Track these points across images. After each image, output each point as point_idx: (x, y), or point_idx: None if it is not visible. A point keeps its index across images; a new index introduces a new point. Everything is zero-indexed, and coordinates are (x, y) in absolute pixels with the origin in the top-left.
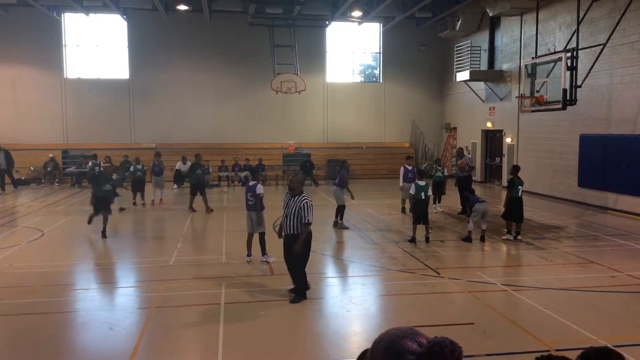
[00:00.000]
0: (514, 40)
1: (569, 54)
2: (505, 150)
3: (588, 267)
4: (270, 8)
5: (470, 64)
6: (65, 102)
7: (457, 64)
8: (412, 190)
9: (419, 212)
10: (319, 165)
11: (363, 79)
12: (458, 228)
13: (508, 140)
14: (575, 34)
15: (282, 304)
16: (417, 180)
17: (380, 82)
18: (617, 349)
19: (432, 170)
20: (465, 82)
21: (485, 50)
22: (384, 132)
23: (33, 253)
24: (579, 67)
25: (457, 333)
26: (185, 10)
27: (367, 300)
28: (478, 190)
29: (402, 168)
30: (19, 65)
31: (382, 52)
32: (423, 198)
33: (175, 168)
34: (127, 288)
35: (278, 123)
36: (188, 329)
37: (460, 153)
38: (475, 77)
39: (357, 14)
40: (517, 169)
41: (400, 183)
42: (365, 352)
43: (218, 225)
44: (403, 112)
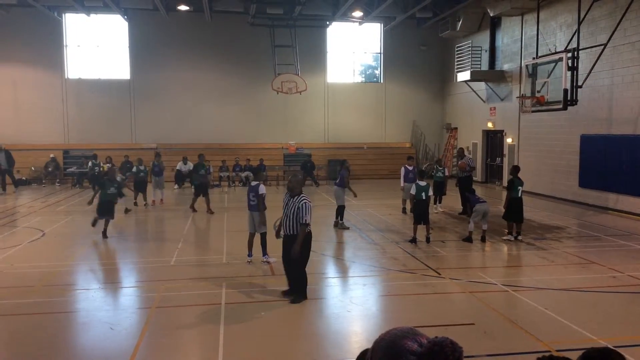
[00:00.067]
0: (515, 41)
1: (570, 54)
2: (506, 151)
3: (589, 267)
4: (271, 8)
5: (471, 64)
6: (66, 102)
7: (457, 64)
8: (412, 191)
9: (420, 212)
10: (320, 166)
11: (364, 79)
12: (459, 228)
13: (509, 141)
14: (576, 34)
15: (282, 304)
16: (417, 181)
17: (381, 82)
18: (617, 350)
19: (432, 171)
20: (466, 82)
21: (486, 51)
22: (385, 132)
23: (34, 253)
24: (580, 67)
25: (457, 333)
26: (186, 11)
27: (367, 301)
28: (479, 191)
29: (402, 168)
30: (20, 66)
31: (382, 52)
32: (424, 198)
33: (176, 168)
34: (127, 288)
35: (279, 123)
36: (189, 329)
37: (461, 153)
38: (476, 77)
39: (357, 14)
40: (517, 170)
41: (401, 183)
42: (365, 352)
43: (219, 226)
44: (404, 112)
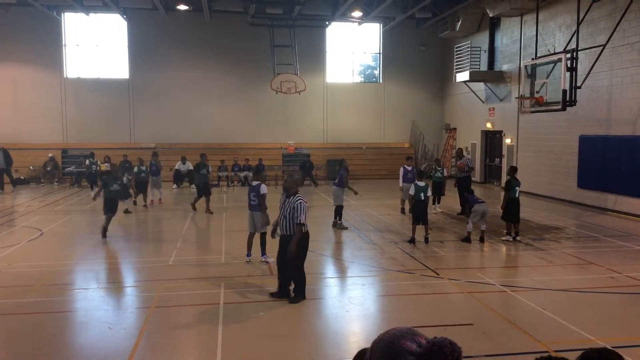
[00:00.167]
0: (514, 41)
1: (569, 55)
2: (505, 151)
3: (587, 268)
4: (271, 8)
5: (470, 65)
6: (65, 101)
7: (457, 65)
8: (411, 191)
9: (419, 212)
10: (319, 166)
11: (363, 80)
12: (457, 229)
13: (508, 141)
14: (575, 35)
15: (281, 304)
16: (416, 181)
17: (380, 82)
18: (616, 350)
19: (431, 171)
20: (465, 82)
21: (485, 51)
22: (384, 132)
23: (32, 252)
24: (579, 68)
25: (456, 333)
26: (186, 10)
27: (366, 301)
28: (477, 191)
29: (401, 168)
30: (19, 65)
31: (382, 52)
32: (422, 199)
33: (175, 168)
34: (126, 288)
35: (278, 123)
36: (187, 329)
37: (460, 154)
38: (475, 77)
39: (357, 14)
40: (514, 170)
41: (400, 183)
42: (363, 351)
43: (218, 225)
44: (403, 112)
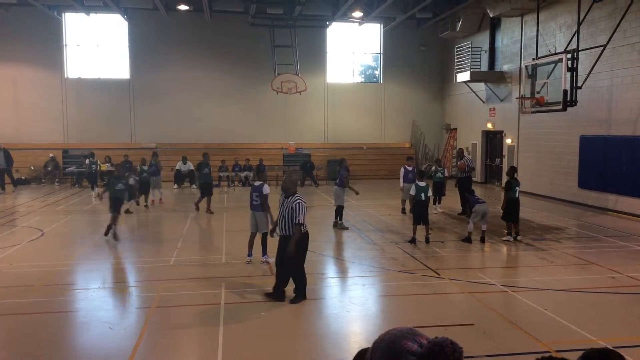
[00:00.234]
0: (515, 41)
1: (570, 55)
2: (506, 151)
3: (588, 268)
4: (271, 8)
5: (471, 65)
6: (66, 101)
7: (457, 65)
8: (412, 191)
9: (419, 212)
10: (319, 166)
11: (363, 80)
12: (458, 229)
13: (508, 141)
14: (576, 35)
15: (282, 305)
16: (417, 181)
17: (381, 82)
18: (617, 350)
19: (431, 172)
20: (466, 82)
21: (486, 51)
22: (385, 132)
23: (33, 252)
24: (580, 68)
25: (457, 334)
26: (186, 10)
27: (367, 301)
28: (478, 191)
29: (402, 169)
30: (20, 65)
31: (382, 52)
32: (423, 199)
33: (176, 168)
34: (127, 288)
35: (278, 123)
36: (188, 329)
37: (461, 154)
38: (476, 78)
39: (357, 15)
40: (514, 170)
41: (401, 184)
42: (363, 351)
43: (218, 226)
44: (403, 112)
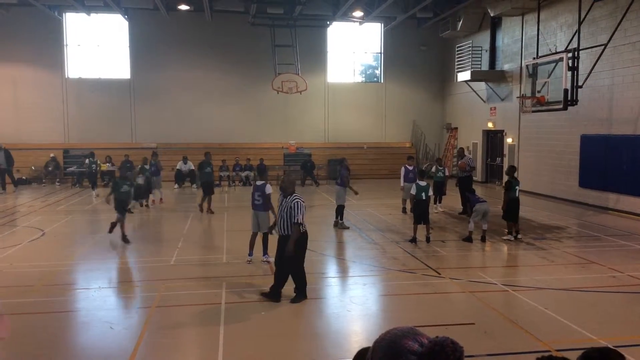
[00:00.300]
0: (515, 41)
1: (570, 55)
2: (506, 151)
3: (589, 267)
4: (272, 8)
5: (472, 64)
6: (67, 101)
7: (458, 64)
8: (413, 191)
9: (420, 212)
10: (320, 165)
11: (364, 79)
12: (459, 228)
13: (509, 141)
14: (577, 34)
15: (282, 304)
16: (418, 181)
17: (381, 82)
18: (617, 350)
19: (432, 172)
20: (467, 82)
21: (487, 51)
22: (385, 132)
23: (34, 252)
24: (580, 67)
25: (457, 333)
26: (187, 10)
27: (367, 300)
28: (479, 191)
29: (403, 168)
30: (20, 65)
31: (383, 52)
32: (424, 198)
33: (176, 168)
34: (127, 287)
35: (279, 123)
36: (188, 329)
37: (461, 153)
38: (477, 77)
39: (358, 14)
40: (513, 170)
41: (401, 183)
42: (363, 351)
43: (219, 225)
44: (404, 112)
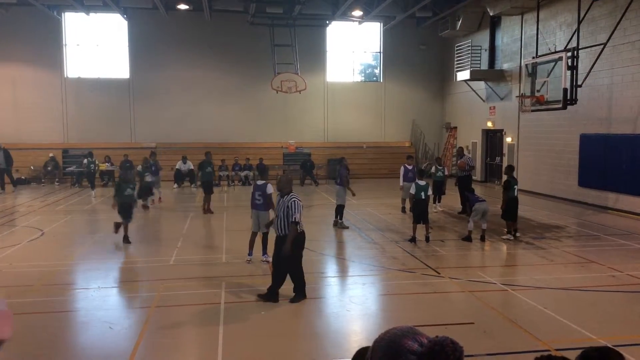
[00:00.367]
0: (515, 40)
1: (570, 54)
2: (506, 150)
3: (588, 266)
4: (271, 7)
5: (471, 64)
6: (66, 101)
7: (457, 64)
8: (412, 190)
9: (419, 211)
10: (319, 165)
11: (363, 79)
12: (458, 228)
13: (508, 140)
14: (576, 34)
15: (282, 304)
16: (417, 180)
17: (381, 81)
18: (617, 349)
19: (432, 171)
20: (466, 81)
21: (486, 50)
22: (384, 131)
23: (33, 252)
24: (580, 66)
25: (457, 332)
26: (186, 10)
27: (367, 300)
28: (478, 190)
29: (402, 167)
30: (19, 65)
31: (382, 51)
32: (423, 198)
33: (176, 167)
34: (127, 287)
35: (278, 122)
36: (188, 329)
37: (461, 152)
38: (476, 76)
39: (357, 14)
40: (512, 169)
41: (401, 182)
42: (362, 350)
43: (218, 225)
44: (403, 111)
